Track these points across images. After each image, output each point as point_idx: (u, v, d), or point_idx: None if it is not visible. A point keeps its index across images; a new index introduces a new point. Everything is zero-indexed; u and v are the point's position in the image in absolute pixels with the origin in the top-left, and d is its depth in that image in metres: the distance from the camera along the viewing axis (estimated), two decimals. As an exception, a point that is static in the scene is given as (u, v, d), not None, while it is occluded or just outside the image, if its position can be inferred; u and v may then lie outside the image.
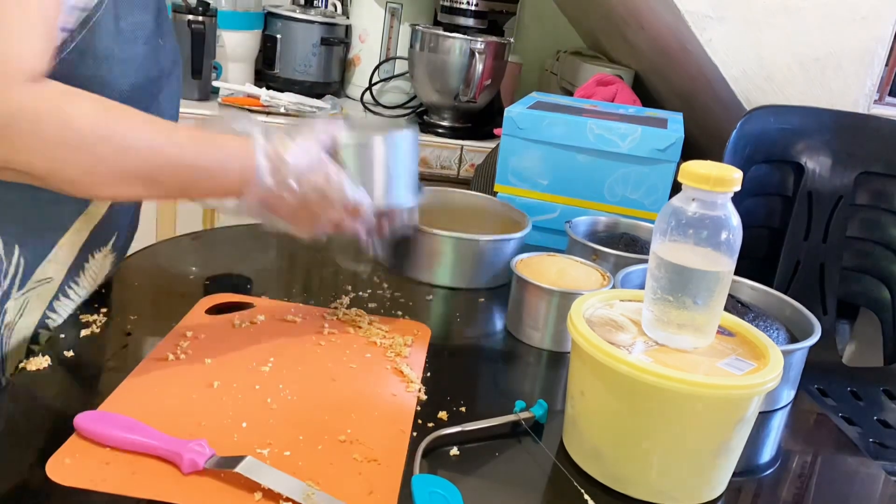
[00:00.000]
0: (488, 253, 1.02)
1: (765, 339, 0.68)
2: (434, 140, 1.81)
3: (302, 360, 0.78)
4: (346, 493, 0.58)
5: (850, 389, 1.37)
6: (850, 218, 1.49)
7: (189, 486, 0.58)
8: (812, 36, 1.45)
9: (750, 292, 0.94)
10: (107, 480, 0.57)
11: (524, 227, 1.07)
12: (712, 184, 0.62)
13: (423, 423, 0.70)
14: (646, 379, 0.60)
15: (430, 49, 1.81)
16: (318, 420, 0.68)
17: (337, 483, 0.59)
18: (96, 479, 0.57)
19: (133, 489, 0.57)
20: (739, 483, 0.69)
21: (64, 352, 0.73)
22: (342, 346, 0.81)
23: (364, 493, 0.59)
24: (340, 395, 0.72)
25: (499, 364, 0.88)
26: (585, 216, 1.14)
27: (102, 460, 0.59)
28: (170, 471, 0.59)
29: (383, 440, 0.66)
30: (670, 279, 0.65)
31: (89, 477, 0.57)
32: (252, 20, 1.88)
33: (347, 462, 0.63)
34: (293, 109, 1.79)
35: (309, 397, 0.71)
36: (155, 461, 0.60)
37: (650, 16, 1.54)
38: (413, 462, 0.63)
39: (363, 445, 0.65)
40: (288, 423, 0.67)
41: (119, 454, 0.60)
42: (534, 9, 2.22)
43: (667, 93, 1.79)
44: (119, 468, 0.58)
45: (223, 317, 0.84)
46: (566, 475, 0.67)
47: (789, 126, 1.46)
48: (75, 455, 0.59)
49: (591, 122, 1.16)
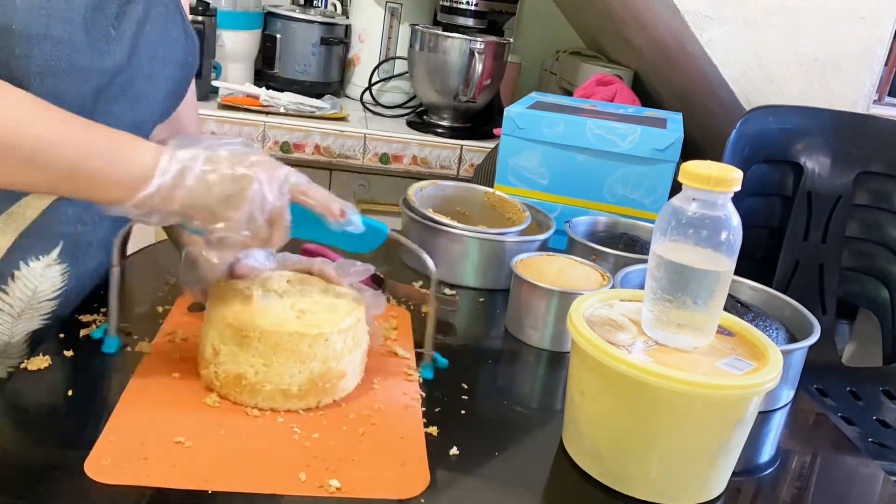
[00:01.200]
0: (509, 253, 1.01)
1: (764, 339, 0.68)
2: (434, 140, 1.81)
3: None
4: (380, 465, 0.63)
5: (849, 389, 1.37)
6: (850, 218, 1.49)
7: (231, 471, 0.60)
8: (811, 36, 1.45)
9: (749, 292, 0.94)
10: (150, 476, 0.58)
11: (549, 227, 1.09)
12: (712, 184, 0.62)
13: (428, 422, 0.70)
14: (645, 379, 0.60)
15: (429, 49, 1.81)
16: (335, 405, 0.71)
17: (371, 458, 0.64)
18: (140, 476, 0.58)
19: (178, 481, 0.58)
20: (739, 483, 0.69)
21: (64, 352, 0.73)
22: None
23: (396, 465, 0.63)
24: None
25: (499, 364, 0.88)
26: (585, 216, 1.14)
27: (140, 456, 0.60)
28: (209, 460, 0.60)
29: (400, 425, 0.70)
30: (670, 279, 0.65)
31: (133, 474, 0.58)
32: (252, 20, 1.88)
33: (373, 440, 0.67)
34: (293, 109, 1.79)
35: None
36: (192, 452, 0.61)
37: (650, 16, 1.54)
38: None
39: (378, 426, 0.69)
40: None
41: (152, 449, 0.61)
42: (533, 9, 2.22)
43: (666, 93, 1.79)
44: (158, 462, 0.59)
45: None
46: (566, 475, 0.67)
47: (789, 126, 1.46)
48: (111, 455, 0.59)
49: (591, 122, 1.16)
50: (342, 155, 1.76)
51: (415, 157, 1.79)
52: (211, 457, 0.61)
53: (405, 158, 1.79)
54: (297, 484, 0.59)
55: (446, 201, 1.16)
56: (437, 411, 0.72)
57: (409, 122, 1.92)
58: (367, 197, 1.86)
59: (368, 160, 1.78)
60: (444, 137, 1.83)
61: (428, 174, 1.78)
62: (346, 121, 1.81)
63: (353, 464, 0.62)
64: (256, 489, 0.58)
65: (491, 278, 1.03)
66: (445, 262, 1.02)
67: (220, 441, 0.63)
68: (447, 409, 0.73)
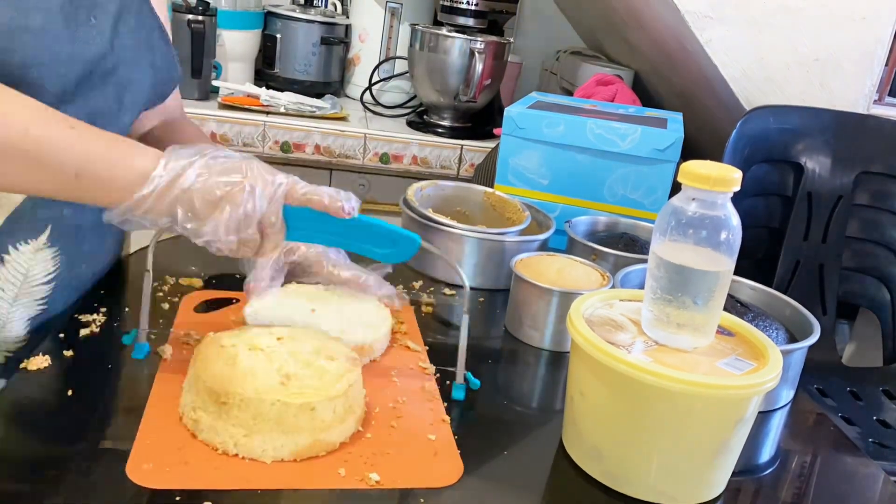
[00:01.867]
0: (509, 253, 1.01)
1: (764, 339, 0.68)
2: (434, 140, 1.81)
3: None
4: (415, 456, 0.65)
5: (849, 389, 1.37)
6: (850, 218, 1.49)
7: (273, 471, 0.60)
8: (812, 36, 1.45)
9: (749, 292, 0.94)
10: (194, 478, 0.58)
11: (549, 227, 1.09)
12: (712, 184, 0.62)
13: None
14: (645, 379, 0.60)
15: (429, 49, 1.81)
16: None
17: (406, 450, 0.65)
18: (184, 480, 0.58)
19: (222, 482, 0.58)
20: (739, 483, 0.69)
21: (63, 351, 0.73)
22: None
23: (430, 455, 0.65)
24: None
25: (499, 364, 0.88)
26: (585, 216, 1.14)
27: (180, 460, 0.60)
28: (247, 462, 0.61)
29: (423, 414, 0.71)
30: (670, 279, 0.65)
31: (177, 479, 0.58)
32: (252, 20, 1.88)
33: (404, 433, 0.68)
34: (293, 109, 1.79)
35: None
36: (228, 455, 0.61)
37: (650, 16, 1.54)
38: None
39: (404, 419, 0.70)
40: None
41: (189, 453, 0.61)
42: (533, 9, 2.22)
43: (666, 93, 1.79)
44: (199, 466, 0.60)
45: (216, 313, 0.85)
46: (566, 475, 0.67)
47: (789, 126, 1.46)
48: (150, 460, 0.60)
49: (591, 122, 1.16)
50: (342, 155, 1.76)
51: (415, 156, 1.79)
52: (248, 458, 0.61)
53: (405, 158, 1.79)
54: (339, 479, 0.61)
55: (446, 201, 1.16)
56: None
57: (409, 121, 1.92)
58: (368, 197, 1.86)
59: (368, 160, 1.78)
60: (445, 137, 1.83)
61: (428, 174, 1.78)
62: (346, 121, 1.81)
63: (388, 457, 0.64)
64: (301, 486, 0.59)
65: (491, 278, 1.03)
66: (444, 262, 1.02)
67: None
68: (447, 409, 0.73)
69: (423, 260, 1.05)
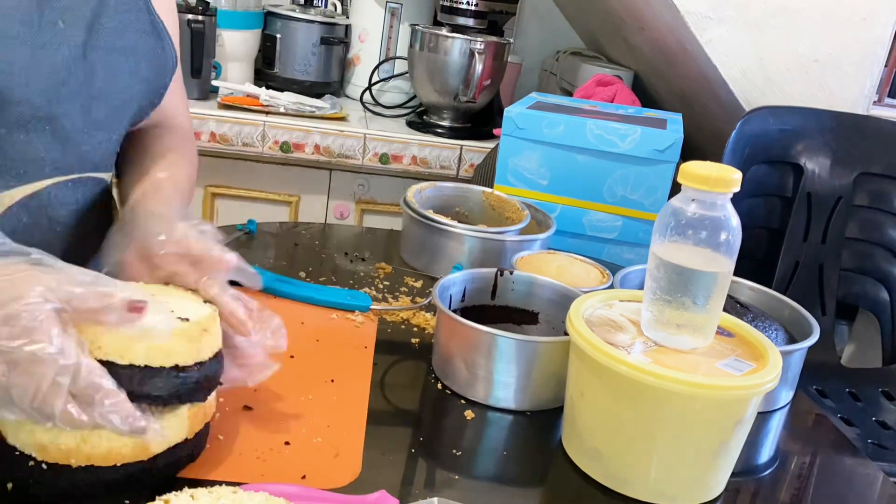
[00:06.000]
0: (509, 252, 1.00)
1: (764, 340, 0.68)
2: (433, 140, 1.81)
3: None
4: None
5: (848, 390, 1.37)
6: (850, 219, 1.49)
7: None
8: (811, 37, 1.45)
9: (749, 293, 0.94)
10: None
11: (549, 226, 1.08)
12: (712, 184, 0.62)
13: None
14: (645, 379, 0.60)
15: (429, 49, 1.81)
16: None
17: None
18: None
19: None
20: (738, 483, 0.69)
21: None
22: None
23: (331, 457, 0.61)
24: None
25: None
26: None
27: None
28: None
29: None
30: (669, 279, 0.65)
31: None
32: (252, 19, 1.88)
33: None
34: (293, 109, 1.79)
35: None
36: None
37: (650, 16, 1.54)
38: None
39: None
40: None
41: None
42: (533, 9, 2.22)
43: (666, 93, 1.79)
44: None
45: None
46: (566, 475, 0.67)
47: (789, 127, 1.46)
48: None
49: (591, 123, 1.16)
50: (342, 155, 1.76)
51: (415, 157, 1.79)
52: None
53: (405, 158, 1.79)
54: None
55: (445, 202, 1.16)
56: (436, 411, 0.72)
57: (408, 122, 1.92)
58: (367, 197, 1.86)
59: (368, 160, 1.78)
60: (444, 137, 1.83)
61: (428, 174, 1.78)
62: (345, 121, 1.81)
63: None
64: None
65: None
66: (445, 262, 1.02)
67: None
68: (447, 408, 0.73)
69: (424, 260, 1.05)
